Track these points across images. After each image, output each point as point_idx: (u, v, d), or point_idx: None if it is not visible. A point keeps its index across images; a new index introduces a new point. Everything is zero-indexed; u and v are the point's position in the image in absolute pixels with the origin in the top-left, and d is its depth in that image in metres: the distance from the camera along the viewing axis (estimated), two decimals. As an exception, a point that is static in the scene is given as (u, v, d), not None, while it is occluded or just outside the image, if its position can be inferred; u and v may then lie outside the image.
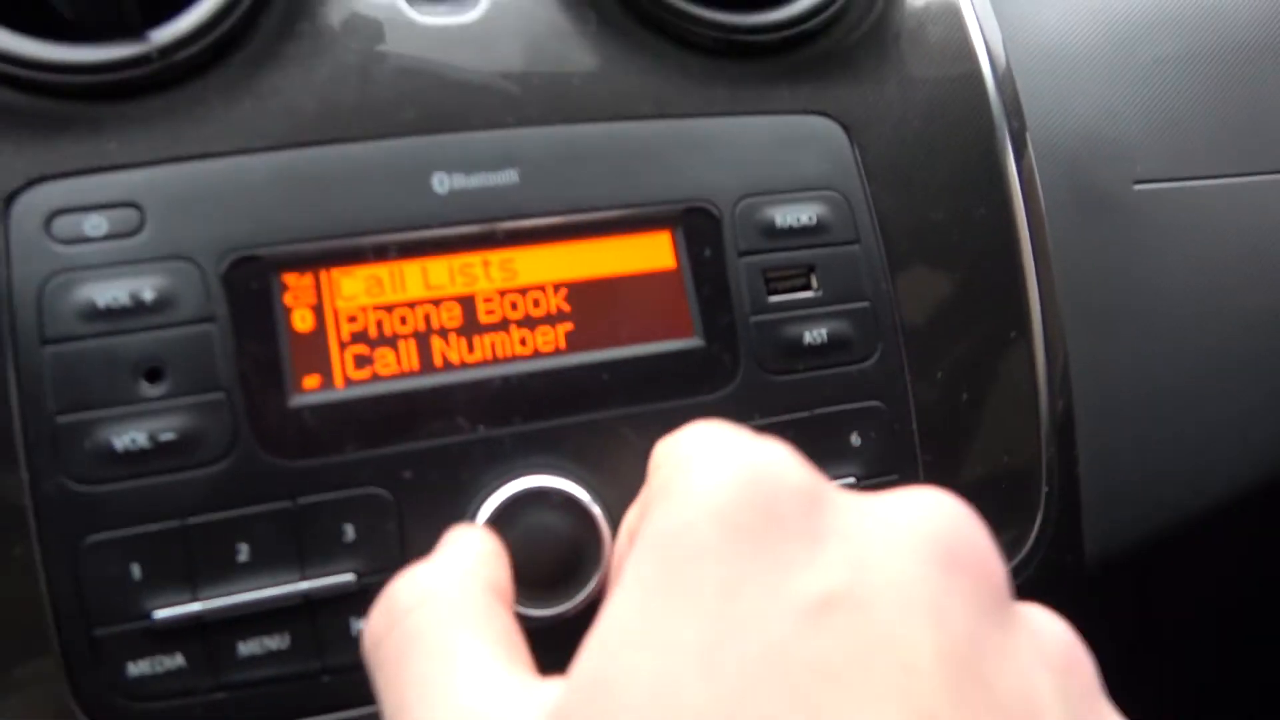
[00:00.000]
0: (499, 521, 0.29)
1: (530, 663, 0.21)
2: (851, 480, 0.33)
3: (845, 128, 0.35)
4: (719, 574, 0.18)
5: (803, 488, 0.19)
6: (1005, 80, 0.38)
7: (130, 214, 0.29)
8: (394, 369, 0.30)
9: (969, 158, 0.36)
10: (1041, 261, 0.36)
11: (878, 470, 0.33)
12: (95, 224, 0.29)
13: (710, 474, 0.19)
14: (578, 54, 0.33)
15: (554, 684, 0.19)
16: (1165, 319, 0.39)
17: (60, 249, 0.28)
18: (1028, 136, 0.37)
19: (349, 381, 0.29)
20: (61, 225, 0.28)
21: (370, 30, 0.32)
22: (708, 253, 0.32)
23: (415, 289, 0.30)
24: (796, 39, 0.35)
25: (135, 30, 0.29)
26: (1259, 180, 0.41)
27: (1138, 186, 0.39)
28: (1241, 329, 0.39)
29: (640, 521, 0.21)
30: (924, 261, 0.35)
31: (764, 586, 0.18)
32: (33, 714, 0.27)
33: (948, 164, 0.36)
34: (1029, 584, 0.34)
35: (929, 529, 0.19)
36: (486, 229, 0.31)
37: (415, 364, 0.30)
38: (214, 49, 0.30)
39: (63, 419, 0.27)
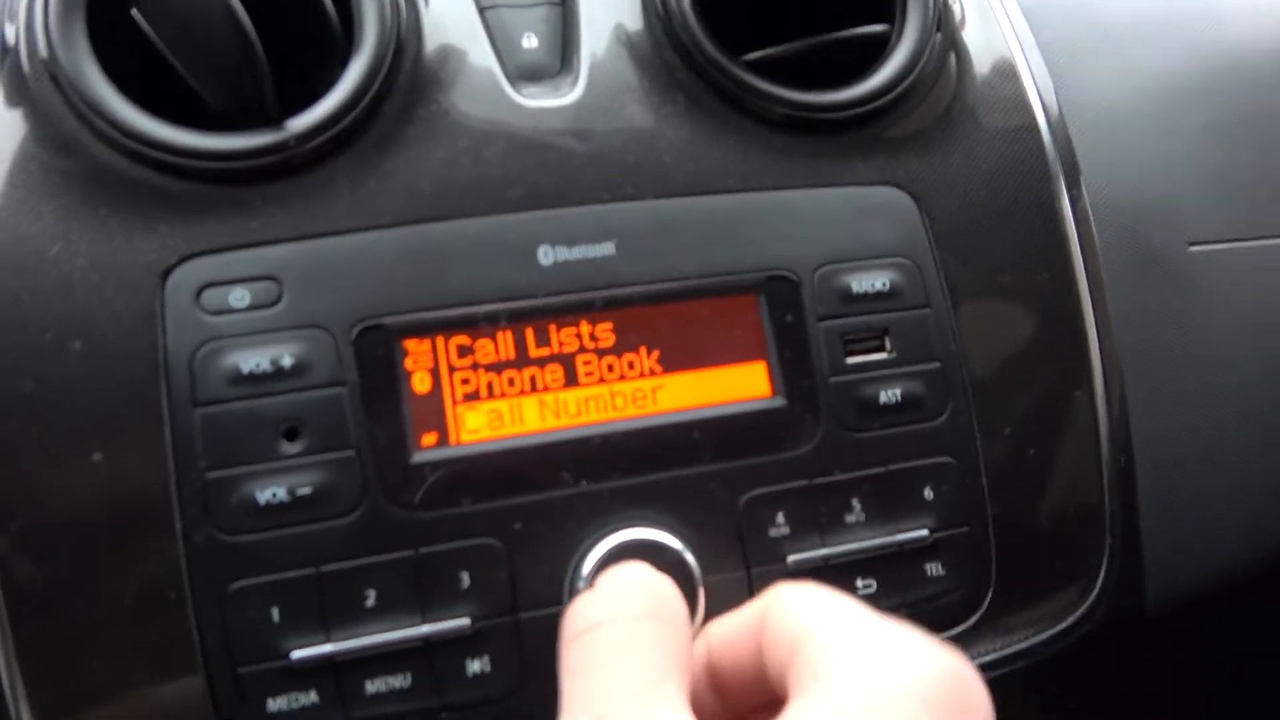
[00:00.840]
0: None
1: None
2: (925, 532, 0.34)
3: (915, 198, 0.37)
4: None
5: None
6: (1064, 149, 0.40)
7: (270, 286, 0.32)
8: (504, 428, 0.32)
9: (1031, 224, 0.39)
10: (1102, 322, 0.38)
11: (949, 523, 0.35)
12: (239, 296, 0.32)
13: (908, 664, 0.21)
14: (667, 133, 0.36)
15: None
16: (1221, 376, 0.40)
17: (209, 319, 0.31)
18: (1086, 202, 0.39)
19: (463, 440, 0.32)
20: (210, 297, 0.31)
21: (480, 113, 0.35)
22: (789, 317, 0.35)
23: (522, 353, 0.33)
24: (868, 115, 0.37)
25: (274, 120, 0.33)
26: (1309, 240, 0.43)
27: (1192, 248, 0.41)
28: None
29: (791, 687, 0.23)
30: (991, 323, 0.37)
31: None
32: (184, 744, 0.30)
33: (1011, 230, 0.38)
34: (1095, 631, 0.36)
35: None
36: (587, 297, 0.33)
37: (523, 423, 0.32)
38: (343, 135, 0.33)
39: (211, 475, 0.30)
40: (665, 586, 0.27)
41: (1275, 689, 0.50)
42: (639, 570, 0.29)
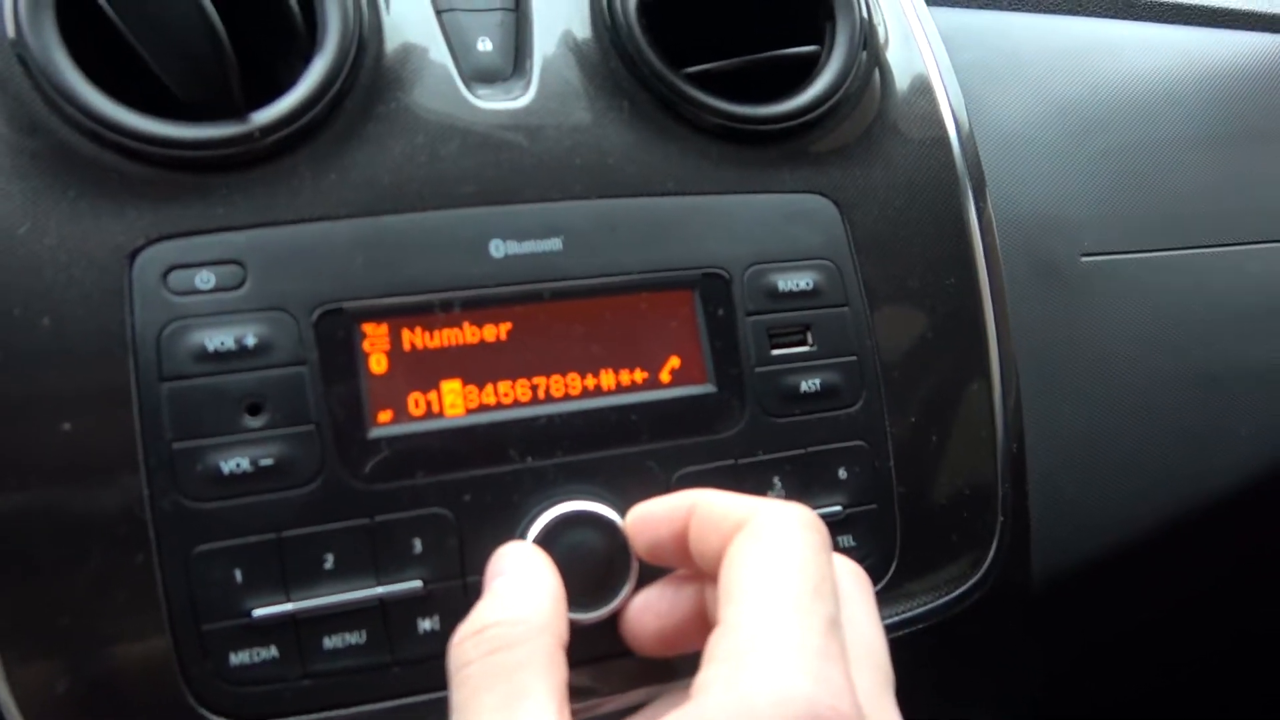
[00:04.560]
0: (545, 539, 0.34)
1: (569, 715, 0.27)
2: (839, 509, 0.38)
3: (838, 205, 0.41)
4: None
5: None
6: (973, 165, 0.44)
7: (235, 270, 0.34)
8: (455, 407, 0.35)
9: (941, 232, 0.42)
10: (1001, 322, 0.42)
11: (860, 500, 0.39)
12: (205, 278, 0.33)
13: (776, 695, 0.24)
14: (612, 137, 0.39)
15: None
16: (1107, 373, 0.45)
17: (175, 299, 0.33)
18: (991, 213, 0.44)
19: (416, 417, 0.34)
20: (176, 279, 0.33)
21: (436, 112, 0.37)
22: (720, 312, 0.38)
23: (474, 338, 0.35)
24: (798, 128, 0.41)
25: (240, 112, 0.34)
26: (1188, 254, 0.48)
27: (1084, 259, 0.46)
28: (1165, 382, 0.46)
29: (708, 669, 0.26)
30: (902, 322, 0.41)
31: None
32: (149, 697, 0.32)
33: (923, 237, 0.42)
34: (983, 601, 0.40)
35: None
36: (535, 288, 0.36)
37: (474, 403, 0.35)
38: (306, 129, 0.35)
39: (178, 446, 0.32)
40: (522, 602, 0.30)
41: (1143, 657, 0.55)
42: (502, 584, 0.31)
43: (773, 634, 0.25)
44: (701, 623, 0.32)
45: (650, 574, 0.34)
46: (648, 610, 0.33)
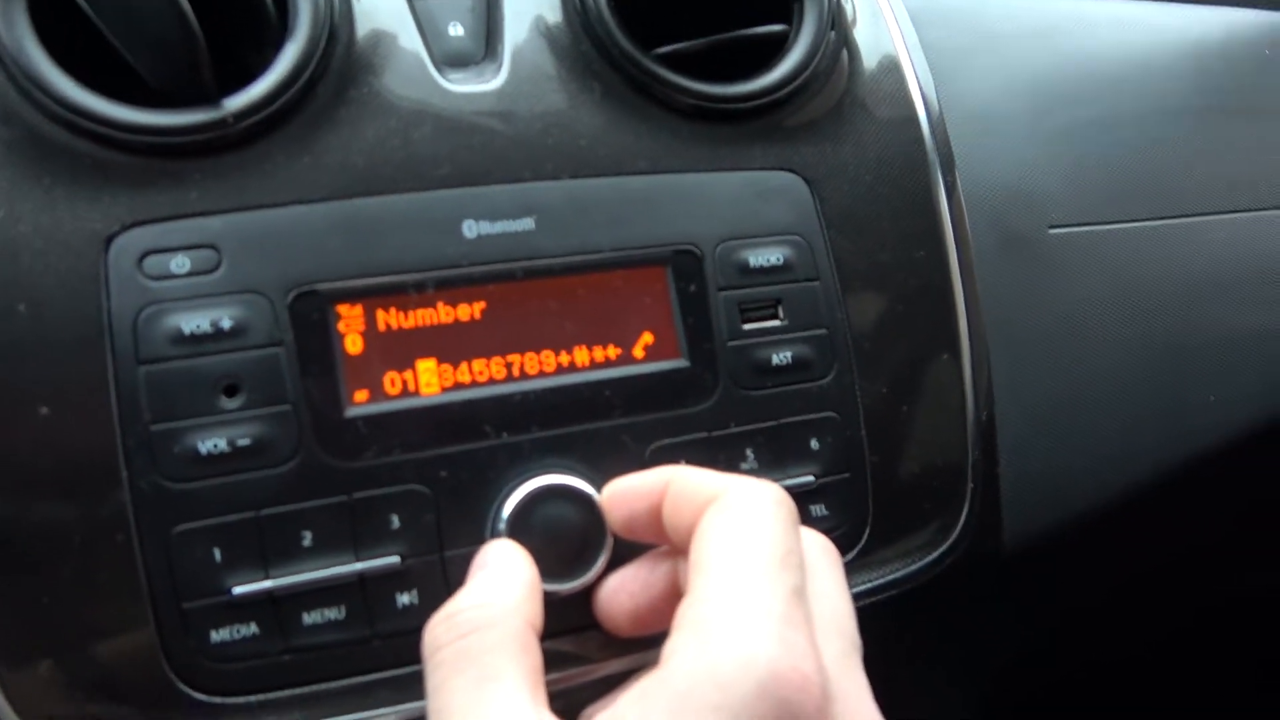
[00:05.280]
0: (520, 514, 0.35)
1: (545, 697, 0.28)
2: (811, 479, 0.39)
3: (808, 182, 0.41)
4: None
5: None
6: (941, 140, 0.45)
7: (210, 254, 0.34)
8: (431, 386, 0.35)
9: (910, 206, 0.43)
10: (970, 294, 0.43)
11: (833, 470, 0.39)
12: (180, 262, 0.34)
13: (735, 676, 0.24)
14: (584, 118, 0.39)
15: None
16: (1073, 342, 0.46)
17: (151, 284, 0.33)
18: (959, 188, 0.44)
19: (392, 396, 0.35)
20: (151, 264, 0.34)
21: (409, 96, 0.38)
22: (693, 288, 0.39)
23: (448, 318, 0.36)
24: (768, 106, 0.41)
25: (212, 99, 0.35)
26: (1155, 225, 0.49)
27: (1052, 231, 0.46)
28: (1132, 351, 0.46)
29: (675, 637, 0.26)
30: (872, 295, 0.41)
31: None
32: (132, 675, 0.32)
33: (892, 212, 0.43)
34: (954, 568, 0.41)
35: None
36: (508, 268, 0.37)
37: (449, 381, 0.35)
38: (279, 114, 0.36)
39: (155, 427, 0.33)
40: (493, 589, 0.31)
41: (1116, 623, 0.56)
42: (476, 573, 0.32)
43: (738, 601, 0.26)
44: (675, 600, 0.33)
45: (624, 547, 0.35)
46: (621, 590, 0.34)
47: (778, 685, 0.24)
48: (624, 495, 0.34)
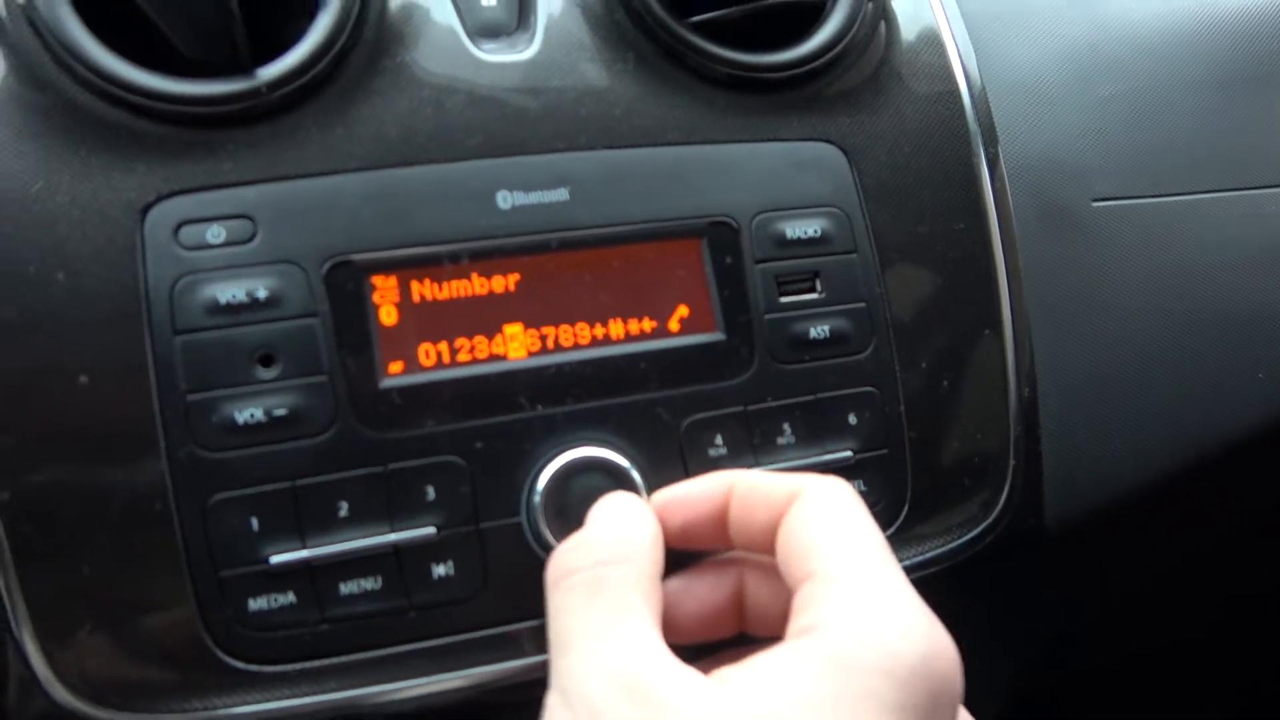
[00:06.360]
0: (555, 486, 0.34)
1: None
2: (849, 454, 0.38)
3: (846, 153, 0.40)
4: None
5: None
6: (982, 111, 0.43)
7: (245, 224, 0.34)
8: (466, 357, 0.35)
9: (950, 178, 0.42)
10: (1012, 268, 0.42)
11: (871, 445, 0.39)
12: (216, 232, 0.34)
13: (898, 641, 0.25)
14: (618, 88, 0.39)
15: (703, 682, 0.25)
16: (1117, 318, 0.45)
17: (186, 254, 0.33)
18: (1001, 160, 0.43)
19: (427, 368, 0.35)
20: (187, 234, 0.34)
21: (441, 66, 0.37)
22: (729, 260, 0.38)
23: (482, 289, 0.36)
24: (805, 76, 0.40)
25: (246, 69, 0.35)
26: (1203, 198, 0.47)
27: (1095, 204, 0.45)
28: (1178, 327, 0.45)
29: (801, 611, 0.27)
30: (911, 268, 0.41)
31: None
32: (171, 642, 0.32)
33: (932, 184, 0.42)
34: (995, 546, 0.40)
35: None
36: (543, 239, 0.36)
37: (484, 353, 0.35)
38: (312, 84, 0.35)
39: (192, 397, 0.33)
40: (628, 527, 0.31)
41: (1153, 599, 0.55)
42: (608, 513, 0.32)
43: (876, 580, 0.27)
44: (737, 606, 0.32)
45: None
46: (688, 596, 0.32)
47: (935, 657, 0.25)
48: (680, 503, 0.33)
